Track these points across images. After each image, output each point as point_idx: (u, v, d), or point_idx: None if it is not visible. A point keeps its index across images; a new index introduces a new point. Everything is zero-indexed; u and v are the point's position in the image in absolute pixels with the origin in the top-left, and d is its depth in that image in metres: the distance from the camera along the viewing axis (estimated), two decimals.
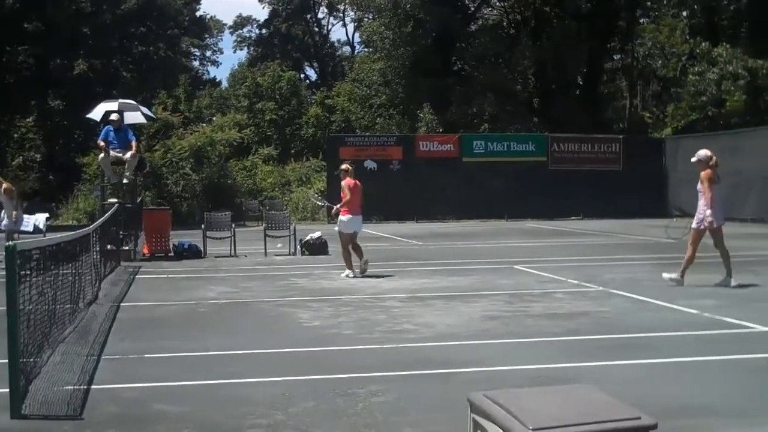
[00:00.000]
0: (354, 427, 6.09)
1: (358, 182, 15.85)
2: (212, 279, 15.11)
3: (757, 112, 37.03)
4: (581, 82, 47.70)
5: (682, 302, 11.35)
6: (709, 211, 13.18)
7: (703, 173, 13.33)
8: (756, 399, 6.69)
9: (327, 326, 10.06)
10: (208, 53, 72.56)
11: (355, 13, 57.96)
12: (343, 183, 15.58)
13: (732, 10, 42.38)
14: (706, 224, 13.19)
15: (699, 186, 13.53)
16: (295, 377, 7.52)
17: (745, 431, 5.95)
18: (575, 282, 13.80)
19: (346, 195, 15.39)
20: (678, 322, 9.98)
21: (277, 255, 19.17)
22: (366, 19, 51.55)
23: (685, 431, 5.86)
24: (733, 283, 12.84)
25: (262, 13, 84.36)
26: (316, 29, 72.93)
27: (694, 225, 13.58)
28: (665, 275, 13.32)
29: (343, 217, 15.45)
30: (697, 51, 39.78)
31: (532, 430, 3.66)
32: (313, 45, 72.03)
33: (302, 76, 67.64)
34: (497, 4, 50.18)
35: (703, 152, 13.89)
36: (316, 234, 19.87)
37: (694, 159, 13.84)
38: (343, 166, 16.04)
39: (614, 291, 12.62)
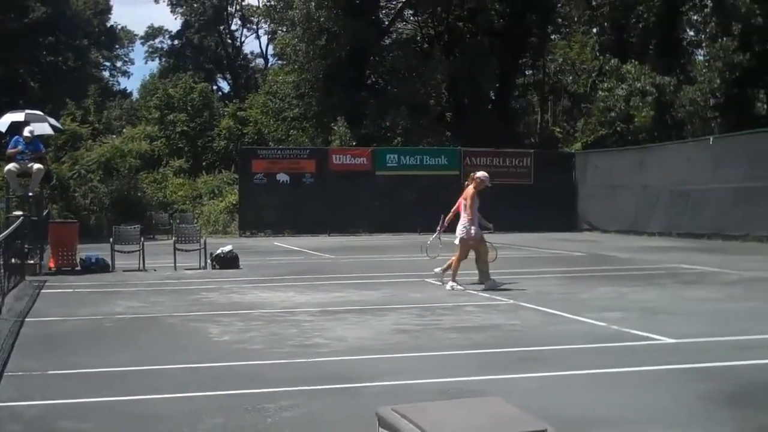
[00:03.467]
0: None
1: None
2: (120, 293, 14.83)
3: (664, 128, 37.90)
4: (494, 97, 48.25)
5: (590, 315, 11.50)
6: (473, 228, 14.82)
7: (469, 189, 14.92)
8: (660, 410, 6.79)
9: (237, 341, 9.95)
10: (119, 64, 71.77)
11: (268, 25, 57.91)
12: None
13: (640, 27, 43.30)
14: (469, 236, 14.75)
15: (464, 201, 15.03)
16: (205, 393, 7.40)
17: None
18: (486, 295, 13.90)
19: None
20: (585, 335, 10.11)
21: (186, 269, 18.92)
22: (280, 32, 51.43)
23: None
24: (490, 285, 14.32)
25: (174, 24, 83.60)
26: (229, 41, 72.50)
27: (456, 241, 15.20)
28: (437, 269, 15.68)
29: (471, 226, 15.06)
30: (607, 67, 40.59)
31: None
32: (226, 57, 71.56)
33: (215, 87, 67.23)
34: (411, 18, 50.51)
35: (483, 174, 15.62)
36: (227, 248, 19.67)
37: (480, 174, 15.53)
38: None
39: (524, 304, 12.74)
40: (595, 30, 47.93)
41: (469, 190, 15.11)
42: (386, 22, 47.97)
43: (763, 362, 8.45)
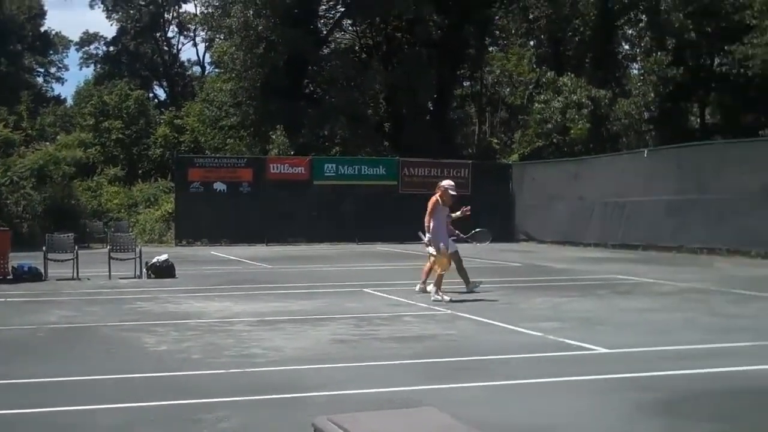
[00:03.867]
0: None
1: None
2: (53, 303, 14.59)
3: (599, 140, 38.42)
4: (432, 108, 48.45)
5: (526, 325, 11.59)
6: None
7: (432, 198, 14.77)
8: (594, 419, 6.86)
9: (173, 351, 9.85)
10: (53, 70, 70.81)
11: (206, 33, 57.47)
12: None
13: (577, 41, 43.92)
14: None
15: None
16: (140, 404, 7.31)
17: None
18: (424, 305, 13.92)
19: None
20: (522, 345, 10.18)
21: (121, 278, 18.68)
22: (217, 39, 51.11)
23: None
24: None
25: (110, 30, 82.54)
26: (166, 48, 71.92)
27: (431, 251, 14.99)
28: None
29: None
30: (544, 80, 41.06)
31: None
32: (163, 64, 70.96)
33: (151, 95, 66.60)
34: (349, 28, 50.56)
35: (447, 183, 15.08)
36: (163, 257, 19.46)
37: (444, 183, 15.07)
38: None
39: (462, 314, 12.78)
40: (532, 42, 48.47)
41: (432, 199, 14.85)
42: (324, 32, 47.96)
43: (695, 372, 8.58)
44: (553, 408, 7.19)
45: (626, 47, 46.25)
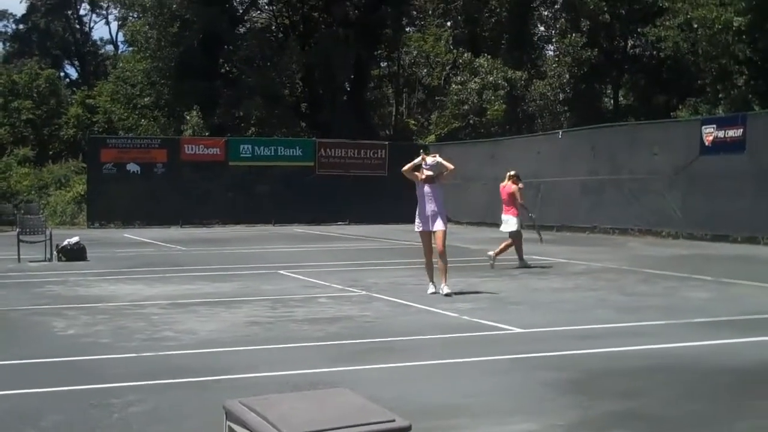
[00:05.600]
0: None
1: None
2: None
3: (515, 121, 38.79)
4: (349, 88, 48.35)
5: (441, 305, 11.64)
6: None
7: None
8: (507, 397, 6.91)
9: (83, 335, 9.66)
10: None
11: (118, 11, 56.44)
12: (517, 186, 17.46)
13: (493, 22, 44.18)
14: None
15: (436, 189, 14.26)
16: (48, 389, 7.16)
17: (495, 429, 6.11)
18: (339, 286, 13.90)
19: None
20: (437, 325, 10.22)
21: (31, 261, 18.27)
22: (130, 18, 50.19)
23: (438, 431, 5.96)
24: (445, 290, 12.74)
25: (19, 8, 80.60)
26: (78, 26, 70.34)
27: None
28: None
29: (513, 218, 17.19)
30: (460, 61, 41.27)
31: None
32: (74, 42, 69.43)
33: (62, 74, 65.23)
34: (266, 7, 50.14)
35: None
36: (74, 239, 19.10)
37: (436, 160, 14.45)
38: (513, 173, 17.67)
39: (377, 295, 12.79)
40: (449, 23, 48.63)
41: (513, 188, 17.44)
42: (240, 11, 47.46)
43: (606, 350, 8.70)
44: (465, 388, 7.21)
45: (542, 29, 46.73)
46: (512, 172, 17.85)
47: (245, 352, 8.70)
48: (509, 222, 17.12)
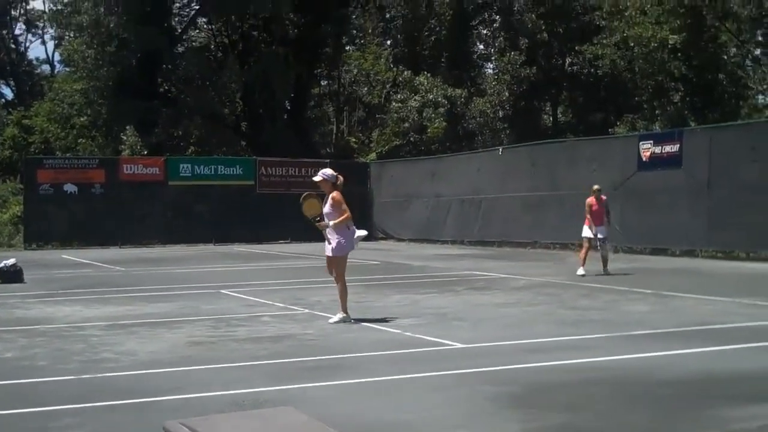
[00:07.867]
0: None
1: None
2: None
3: (455, 139, 39.04)
4: (289, 107, 48.29)
5: (384, 323, 11.62)
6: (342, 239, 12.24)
7: (335, 194, 11.96)
8: (451, 413, 6.89)
9: (20, 357, 9.47)
10: None
11: (55, 30, 55.77)
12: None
13: (432, 40, 44.50)
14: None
15: (331, 209, 11.98)
16: None
17: None
18: (282, 305, 13.82)
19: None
20: (379, 342, 10.19)
21: None
22: (67, 37, 49.62)
23: None
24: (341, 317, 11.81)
25: None
26: (13, 46, 69.42)
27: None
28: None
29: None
30: (400, 79, 41.49)
31: None
32: (10, 62, 68.46)
33: None
34: (205, 26, 49.92)
35: (329, 171, 12.38)
36: (10, 261, 18.77)
37: (318, 178, 12.15)
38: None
39: (320, 313, 12.74)
40: (389, 42, 48.90)
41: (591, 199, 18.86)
42: (179, 30, 47.18)
43: (549, 364, 8.73)
44: (408, 404, 7.19)
45: (481, 47, 47.21)
46: (596, 186, 19.11)
47: (186, 373, 8.58)
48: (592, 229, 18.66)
